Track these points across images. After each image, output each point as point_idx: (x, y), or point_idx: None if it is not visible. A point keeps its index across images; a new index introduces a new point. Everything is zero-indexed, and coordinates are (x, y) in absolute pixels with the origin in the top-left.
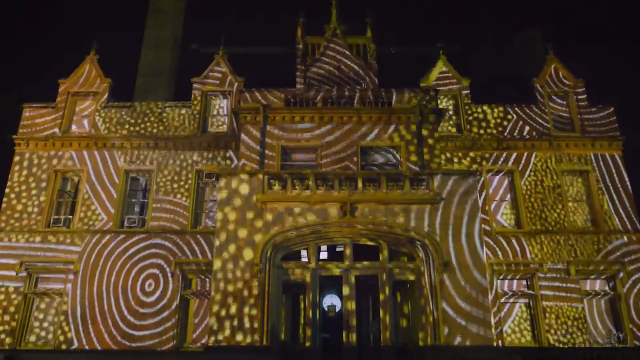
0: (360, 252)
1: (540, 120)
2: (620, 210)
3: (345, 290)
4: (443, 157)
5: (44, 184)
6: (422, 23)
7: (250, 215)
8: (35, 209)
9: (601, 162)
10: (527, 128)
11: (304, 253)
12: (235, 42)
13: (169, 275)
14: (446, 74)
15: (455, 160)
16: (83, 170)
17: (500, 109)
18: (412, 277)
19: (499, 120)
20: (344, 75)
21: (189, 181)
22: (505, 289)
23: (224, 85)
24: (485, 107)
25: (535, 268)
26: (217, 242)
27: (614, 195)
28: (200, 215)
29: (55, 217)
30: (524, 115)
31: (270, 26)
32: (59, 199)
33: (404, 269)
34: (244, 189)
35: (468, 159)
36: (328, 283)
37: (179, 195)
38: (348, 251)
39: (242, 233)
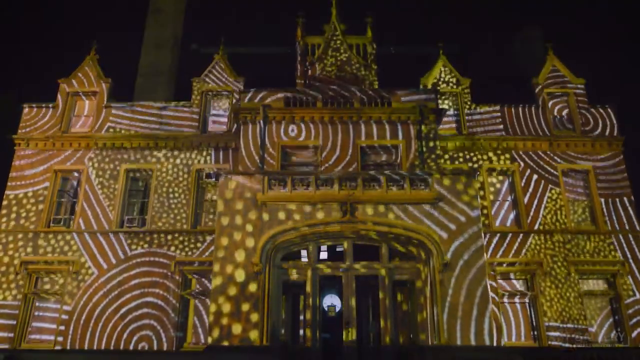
0: (360, 252)
1: (540, 120)
2: (620, 210)
3: (345, 290)
4: (443, 157)
5: (44, 184)
6: (422, 23)
7: (250, 215)
8: (35, 209)
9: (601, 162)
10: (527, 128)
11: (304, 253)
12: (235, 42)
13: (169, 274)
14: (446, 74)
15: (455, 160)
16: (83, 170)
17: (500, 108)
18: (412, 277)
19: (498, 120)
20: (344, 75)
21: (189, 181)
22: (505, 288)
23: (224, 85)
24: (485, 107)
25: (535, 268)
26: (217, 242)
27: (614, 195)
28: (200, 215)
29: (55, 217)
30: (523, 115)
31: (270, 26)
32: (59, 199)
33: (404, 269)
34: (244, 188)
35: (468, 158)
36: (328, 283)
37: (178, 195)
38: (348, 251)
39: (242, 233)
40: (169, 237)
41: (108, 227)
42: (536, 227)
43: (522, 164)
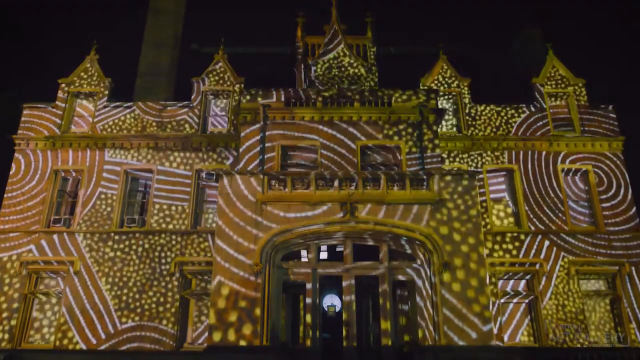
0: (360, 252)
1: (540, 120)
2: (620, 210)
3: (345, 290)
4: (443, 157)
5: (44, 184)
6: (422, 23)
7: (250, 215)
8: (35, 209)
9: (601, 162)
10: (527, 127)
11: (304, 253)
12: (235, 42)
13: (169, 276)
14: (446, 74)
15: (455, 160)
16: (83, 170)
17: (500, 108)
18: (412, 277)
19: (498, 120)
20: (344, 74)
21: (189, 181)
22: (506, 288)
23: (224, 85)
24: (485, 107)
25: (535, 268)
26: (216, 242)
27: (614, 195)
28: (200, 215)
29: (55, 217)
30: (523, 115)
31: (270, 26)
32: (59, 199)
33: (404, 269)
34: (244, 188)
35: (468, 158)
36: (328, 283)
37: (178, 195)
38: (348, 251)
39: (242, 233)
40: (169, 237)
41: (108, 227)
42: (536, 227)
43: (522, 163)
